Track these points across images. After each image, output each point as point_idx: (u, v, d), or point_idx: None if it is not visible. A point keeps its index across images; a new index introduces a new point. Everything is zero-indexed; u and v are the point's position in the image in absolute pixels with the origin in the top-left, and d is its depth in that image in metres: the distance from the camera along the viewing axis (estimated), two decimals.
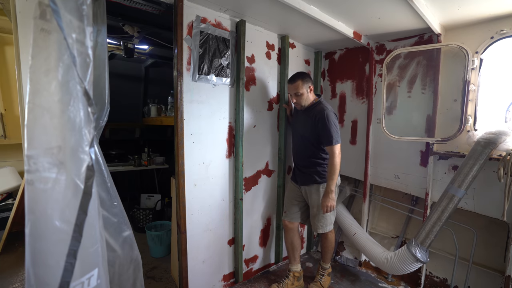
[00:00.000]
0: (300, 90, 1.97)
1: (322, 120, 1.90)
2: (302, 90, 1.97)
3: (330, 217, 2.04)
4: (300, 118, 2.12)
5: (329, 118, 1.90)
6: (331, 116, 1.92)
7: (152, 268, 2.42)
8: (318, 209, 2.01)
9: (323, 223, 2.03)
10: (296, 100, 2.02)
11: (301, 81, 1.97)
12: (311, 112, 2.00)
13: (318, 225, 2.04)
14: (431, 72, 2.03)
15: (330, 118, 1.90)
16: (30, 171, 0.74)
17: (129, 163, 3.40)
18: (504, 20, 1.73)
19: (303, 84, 1.97)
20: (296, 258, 2.18)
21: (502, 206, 1.63)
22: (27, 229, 0.74)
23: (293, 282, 2.15)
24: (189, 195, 1.81)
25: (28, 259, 0.74)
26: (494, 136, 1.64)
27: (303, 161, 2.10)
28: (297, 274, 2.17)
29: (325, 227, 2.04)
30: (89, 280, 0.87)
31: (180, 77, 1.66)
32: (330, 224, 2.06)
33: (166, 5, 1.66)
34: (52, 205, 0.77)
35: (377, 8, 1.72)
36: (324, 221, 2.03)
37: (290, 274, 2.16)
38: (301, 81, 1.98)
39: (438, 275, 2.18)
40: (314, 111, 1.99)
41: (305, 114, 2.05)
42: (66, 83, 0.77)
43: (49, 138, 0.77)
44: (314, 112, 1.98)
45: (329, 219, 2.04)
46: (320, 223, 2.03)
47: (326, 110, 1.92)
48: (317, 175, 2.02)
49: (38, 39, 0.72)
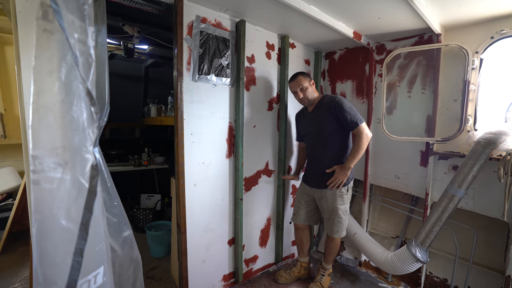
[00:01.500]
0: (303, 83, 1.97)
1: (338, 105, 1.87)
2: (305, 83, 1.97)
3: (345, 221, 2.02)
4: (311, 118, 2.06)
5: (344, 102, 1.89)
6: (344, 99, 1.91)
7: (152, 268, 2.42)
8: (333, 212, 1.99)
9: (338, 228, 2.01)
10: (303, 95, 1.99)
11: (301, 76, 1.99)
12: (322, 105, 1.98)
13: (334, 230, 2.02)
14: (431, 72, 2.04)
15: (345, 101, 1.89)
16: (36, 171, 0.74)
17: (129, 163, 3.40)
18: (504, 20, 1.73)
19: (304, 78, 1.98)
20: (305, 252, 2.31)
21: (502, 206, 1.63)
22: (33, 228, 0.75)
23: (300, 270, 2.30)
24: (189, 195, 1.81)
25: (35, 258, 0.75)
26: (494, 136, 1.64)
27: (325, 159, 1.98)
28: (304, 264, 2.31)
29: (341, 231, 2.01)
30: (95, 278, 0.88)
31: (180, 77, 1.66)
32: (345, 229, 2.05)
33: (166, 5, 1.66)
34: (58, 204, 0.78)
35: (377, 8, 1.72)
36: (340, 226, 2.00)
37: (298, 263, 2.31)
38: (302, 76, 1.99)
39: (438, 275, 2.18)
40: (324, 103, 1.97)
41: (316, 110, 2.02)
42: (69, 83, 0.77)
43: (54, 138, 0.78)
44: (325, 104, 1.96)
45: (344, 223, 2.02)
46: (335, 227, 2.01)
47: (337, 97, 1.91)
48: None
49: (40, 39, 0.72)
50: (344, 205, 1.99)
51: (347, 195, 2.00)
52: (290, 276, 2.26)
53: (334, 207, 1.97)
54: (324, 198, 2.02)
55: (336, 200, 1.97)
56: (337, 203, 1.97)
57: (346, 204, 2.01)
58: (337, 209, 1.97)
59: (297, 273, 2.28)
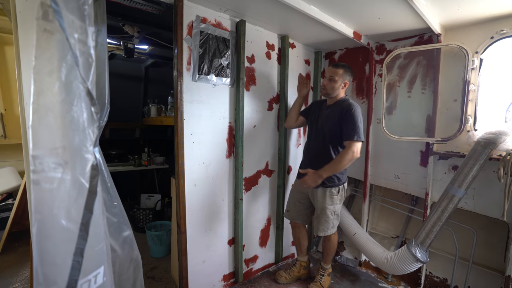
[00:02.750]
0: (336, 77, 1.93)
1: (349, 113, 1.84)
2: (338, 78, 1.93)
3: (332, 221, 2.02)
4: (324, 112, 2.04)
5: (357, 113, 1.84)
6: (359, 112, 1.86)
7: (152, 268, 2.42)
8: (322, 211, 2.01)
9: (324, 227, 2.02)
10: (326, 84, 1.97)
11: (343, 70, 1.94)
12: (338, 106, 1.95)
13: (320, 228, 2.04)
14: (431, 72, 2.04)
15: (358, 113, 1.85)
16: (36, 171, 0.74)
17: (129, 163, 3.40)
18: (504, 20, 1.73)
19: (342, 74, 1.94)
20: (303, 251, 2.30)
21: (502, 206, 1.63)
22: (34, 228, 0.75)
23: (299, 270, 2.30)
24: (189, 195, 1.81)
25: (36, 258, 0.75)
26: (494, 136, 1.64)
27: (317, 159, 2.01)
28: (303, 263, 2.31)
29: (326, 230, 2.03)
30: (95, 277, 0.88)
31: (180, 77, 1.66)
32: (332, 228, 2.04)
33: (166, 5, 1.66)
34: (58, 204, 0.78)
35: (377, 8, 1.72)
36: (326, 225, 2.02)
37: (297, 263, 2.31)
38: (343, 70, 1.94)
39: (438, 275, 2.18)
40: (341, 105, 1.93)
41: (331, 108, 2.00)
42: (69, 83, 0.77)
43: (54, 138, 0.78)
44: (341, 106, 1.93)
45: (331, 223, 2.02)
46: (321, 226, 2.03)
47: (355, 106, 1.88)
48: (327, 178, 1.93)
49: (41, 39, 0.72)
50: (333, 206, 1.99)
51: (338, 196, 2.00)
52: (290, 276, 2.26)
53: (323, 206, 1.99)
54: (315, 197, 2.04)
55: (326, 200, 1.98)
56: (326, 203, 1.98)
57: (336, 205, 2.00)
58: (326, 208, 1.99)
59: (296, 273, 2.28)
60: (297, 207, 2.19)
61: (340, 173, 1.98)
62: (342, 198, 2.04)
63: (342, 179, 2.00)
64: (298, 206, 2.19)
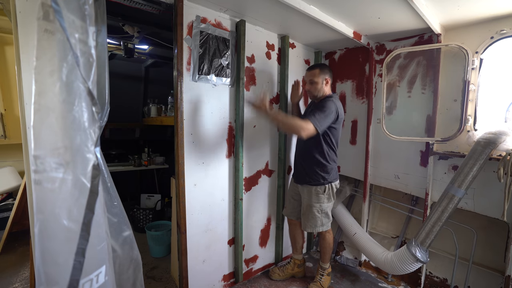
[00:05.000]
0: (315, 78, 1.97)
1: (322, 102, 1.90)
2: (318, 79, 1.97)
3: (321, 219, 2.02)
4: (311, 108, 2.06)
5: (328, 105, 1.84)
6: (332, 106, 1.84)
7: (152, 268, 2.42)
8: (308, 208, 2.03)
9: (311, 223, 2.03)
10: (309, 88, 2.02)
11: (318, 70, 1.98)
12: (322, 101, 1.97)
13: (307, 224, 2.05)
14: (431, 72, 2.04)
15: (329, 105, 1.84)
16: (38, 171, 0.74)
17: (129, 163, 3.40)
18: (504, 20, 1.73)
19: (319, 74, 1.97)
20: (298, 249, 2.32)
21: (502, 206, 1.63)
22: (36, 228, 0.75)
23: (293, 268, 2.31)
24: (189, 195, 1.81)
25: (37, 258, 0.75)
26: (494, 136, 1.64)
27: (302, 156, 2.08)
28: (297, 261, 2.32)
29: (314, 227, 2.03)
30: (97, 277, 0.88)
31: (180, 77, 1.66)
32: (322, 226, 2.04)
33: (166, 5, 1.66)
34: (60, 204, 0.79)
35: (377, 8, 1.72)
36: (314, 222, 2.02)
37: (292, 261, 2.33)
38: (319, 70, 1.98)
39: (438, 275, 2.18)
40: (324, 100, 1.96)
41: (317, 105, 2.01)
42: (70, 83, 0.77)
43: (55, 138, 0.78)
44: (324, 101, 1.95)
45: (320, 221, 2.02)
46: (309, 222, 2.04)
47: (331, 100, 1.89)
48: (310, 176, 2.00)
49: (42, 40, 0.72)
50: (320, 204, 2.00)
51: (324, 195, 2.00)
52: (283, 273, 2.28)
53: (309, 204, 2.02)
54: (303, 194, 2.08)
55: (312, 198, 2.01)
56: (312, 201, 2.01)
57: (323, 203, 2.01)
58: (312, 206, 2.01)
59: (290, 270, 2.30)
60: (291, 203, 2.23)
61: (326, 172, 1.99)
62: (331, 197, 2.04)
63: (328, 178, 2.00)
64: (292, 203, 2.22)
